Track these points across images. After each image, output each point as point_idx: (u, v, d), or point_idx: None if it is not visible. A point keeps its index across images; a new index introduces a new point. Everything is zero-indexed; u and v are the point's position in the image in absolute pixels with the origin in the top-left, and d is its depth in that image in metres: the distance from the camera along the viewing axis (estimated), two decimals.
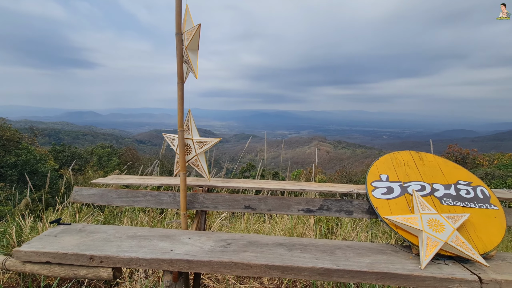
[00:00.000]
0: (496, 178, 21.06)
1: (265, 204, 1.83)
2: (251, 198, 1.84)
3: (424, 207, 1.60)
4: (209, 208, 1.85)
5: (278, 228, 3.35)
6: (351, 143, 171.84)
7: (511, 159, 30.62)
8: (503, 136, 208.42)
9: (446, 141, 75.30)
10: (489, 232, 1.54)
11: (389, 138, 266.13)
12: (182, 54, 1.63)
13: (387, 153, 2.05)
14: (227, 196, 1.86)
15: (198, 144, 1.82)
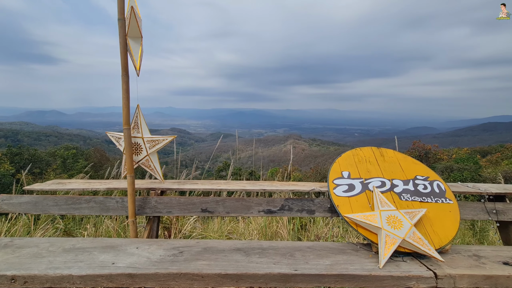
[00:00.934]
0: (454, 171, 22.78)
1: (224, 206, 1.71)
2: (209, 201, 1.71)
3: (384, 203, 1.58)
4: (162, 213, 1.70)
5: (252, 227, 3.25)
6: (325, 141, 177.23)
7: (467, 153, 33.37)
8: (461, 132, 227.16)
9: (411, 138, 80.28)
10: (444, 226, 1.56)
11: (360, 136, 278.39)
12: (125, 42, 1.45)
13: (349, 150, 2.02)
14: (182, 199, 1.71)
15: (149, 143, 1.65)
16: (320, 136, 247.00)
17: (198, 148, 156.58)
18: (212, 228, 3.28)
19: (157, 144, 1.65)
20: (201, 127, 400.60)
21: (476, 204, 1.76)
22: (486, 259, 1.46)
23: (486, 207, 1.74)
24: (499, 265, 1.39)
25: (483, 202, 1.76)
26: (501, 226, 1.81)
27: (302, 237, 3.16)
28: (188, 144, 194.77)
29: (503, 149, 32.29)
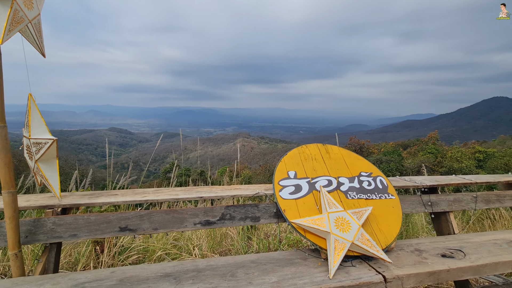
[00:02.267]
0: (383, 163, 25.76)
1: (150, 221, 1.39)
2: (130, 216, 1.37)
3: (331, 204, 1.47)
4: (63, 238, 1.29)
5: (200, 232, 2.91)
6: (273, 139, 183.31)
7: (393, 147, 38.20)
8: (388, 129, 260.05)
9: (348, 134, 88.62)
10: (389, 223, 1.52)
11: (305, 133, 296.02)
12: None
13: (296, 147, 1.89)
14: (93, 217, 1.33)
15: (36, 146, 1.22)
16: (268, 134, 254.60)
17: (142, 149, 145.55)
18: (156, 235, 2.85)
19: (41, 148, 1.23)
20: (145, 127, 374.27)
21: (414, 197, 1.81)
22: (426, 253, 1.46)
23: (422, 200, 1.79)
24: (439, 259, 1.40)
25: (420, 195, 1.81)
26: (435, 217, 1.90)
27: (252, 236, 2.97)
28: (130, 145, 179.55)
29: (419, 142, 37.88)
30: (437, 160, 27.68)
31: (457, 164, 25.63)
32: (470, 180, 1.96)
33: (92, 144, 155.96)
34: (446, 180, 1.95)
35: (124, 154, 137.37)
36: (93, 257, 2.41)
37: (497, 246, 1.55)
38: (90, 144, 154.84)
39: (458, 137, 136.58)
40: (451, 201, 1.84)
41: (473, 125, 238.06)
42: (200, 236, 2.94)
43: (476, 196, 1.87)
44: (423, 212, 1.77)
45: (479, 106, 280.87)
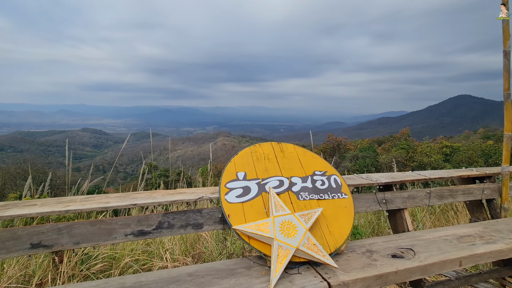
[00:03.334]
0: (359, 159, 26.60)
1: (70, 235, 1.21)
2: (45, 230, 1.18)
3: (278, 207, 1.37)
4: None
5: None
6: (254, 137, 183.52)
7: (368, 144, 39.58)
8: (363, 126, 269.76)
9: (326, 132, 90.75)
10: (340, 225, 1.45)
11: (285, 131, 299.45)
12: None
13: (248, 146, 1.77)
14: None
15: None
16: (249, 132, 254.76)
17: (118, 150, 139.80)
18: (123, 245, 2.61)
19: None
20: (122, 126, 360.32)
21: (369, 195, 1.76)
22: (377, 253, 1.40)
23: (377, 198, 1.75)
24: (389, 260, 1.34)
25: (375, 193, 1.77)
26: (390, 215, 1.87)
27: (228, 236, 2.83)
28: (105, 146, 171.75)
29: (392, 139, 39.55)
30: (409, 155, 28.99)
31: (427, 158, 26.97)
32: (424, 176, 1.96)
33: (63, 145, 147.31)
34: (402, 177, 1.93)
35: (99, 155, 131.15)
36: (51, 269, 2.18)
37: (447, 243, 1.54)
38: (61, 145, 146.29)
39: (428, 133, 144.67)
40: (406, 198, 1.82)
41: (441, 122, 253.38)
42: (172, 239, 2.76)
43: (429, 192, 1.87)
44: (378, 210, 1.74)
45: (446, 103, 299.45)
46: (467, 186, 2.00)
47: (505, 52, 1.98)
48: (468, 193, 1.97)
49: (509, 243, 1.52)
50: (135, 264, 2.39)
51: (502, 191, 2.02)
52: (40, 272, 2.13)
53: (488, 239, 1.58)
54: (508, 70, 1.99)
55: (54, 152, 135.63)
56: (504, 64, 1.98)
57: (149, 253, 2.61)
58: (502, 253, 1.47)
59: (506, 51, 1.98)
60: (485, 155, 25.01)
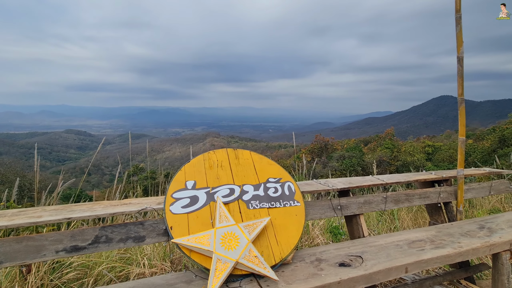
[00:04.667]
0: (346, 158, 27.00)
1: None
2: None
3: (223, 218, 1.33)
4: None
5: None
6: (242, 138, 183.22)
7: (355, 143, 40.26)
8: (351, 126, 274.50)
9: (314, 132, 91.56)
10: (288, 234, 1.42)
11: (274, 131, 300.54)
12: None
13: (202, 153, 1.73)
14: None
15: None
16: (238, 133, 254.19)
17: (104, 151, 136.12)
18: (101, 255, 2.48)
19: None
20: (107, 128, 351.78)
21: (324, 202, 1.75)
22: (326, 262, 1.39)
23: (333, 204, 1.74)
24: (335, 269, 1.33)
25: (330, 199, 1.76)
26: (346, 221, 1.87)
27: None
28: (90, 148, 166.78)
29: (378, 138, 40.39)
30: (393, 155, 29.65)
31: (410, 157, 27.63)
32: (382, 181, 1.97)
33: (45, 148, 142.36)
34: (359, 182, 1.93)
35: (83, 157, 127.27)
36: (18, 280, 2.05)
37: (397, 249, 1.54)
38: (43, 148, 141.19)
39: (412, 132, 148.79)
40: (362, 203, 1.82)
41: (424, 121, 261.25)
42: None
43: (386, 196, 1.87)
44: (333, 217, 1.73)
45: (429, 104, 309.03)
46: (423, 190, 2.02)
47: (459, 58, 2.02)
48: (424, 197, 2.00)
49: (457, 248, 1.54)
50: (109, 273, 2.29)
51: (458, 194, 2.06)
52: (6, 283, 2.01)
53: (438, 244, 1.59)
54: (462, 75, 2.03)
55: (34, 155, 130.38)
56: (458, 70, 2.02)
57: (126, 259, 2.51)
58: (449, 258, 1.49)
59: (459, 57, 2.02)
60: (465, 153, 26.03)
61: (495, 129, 22.15)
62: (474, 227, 1.84)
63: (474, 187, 2.21)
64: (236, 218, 1.41)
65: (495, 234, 1.74)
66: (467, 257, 1.54)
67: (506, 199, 4.78)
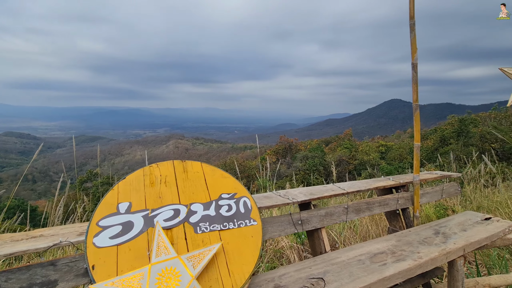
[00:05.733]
0: (309, 159, 27.88)
1: None
2: None
3: (162, 249, 1.09)
4: None
5: None
6: (208, 139, 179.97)
7: (317, 144, 41.90)
8: (313, 127, 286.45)
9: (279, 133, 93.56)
10: (243, 260, 1.23)
11: (239, 133, 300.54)
12: None
13: (142, 167, 1.46)
14: None
15: None
16: (203, 134, 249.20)
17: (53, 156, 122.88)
18: None
19: None
20: (56, 130, 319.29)
21: (284, 217, 1.60)
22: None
23: (293, 219, 1.60)
24: None
25: (290, 214, 1.62)
26: (308, 236, 1.75)
27: None
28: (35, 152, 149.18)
29: (338, 139, 42.55)
30: (352, 154, 31.41)
31: (366, 156, 29.50)
32: (343, 189, 1.89)
33: None
34: (321, 192, 1.82)
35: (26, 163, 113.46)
36: None
37: (360, 265, 1.44)
38: None
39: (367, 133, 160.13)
40: (323, 216, 1.71)
41: (378, 123, 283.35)
42: None
43: (347, 207, 1.79)
44: (293, 233, 1.60)
45: (382, 106, 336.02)
46: (383, 198, 2.00)
47: (413, 64, 2.03)
48: (384, 205, 1.97)
49: (417, 259, 1.50)
50: None
51: (414, 200, 2.07)
52: None
53: (399, 256, 1.54)
54: (416, 82, 2.04)
55: None
56: (413, 76, 2.03)
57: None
58: (410, 272, 1.43)
59: (414, 63, 2.03)
60: (411, 152, 28.51)
61: (437, 130, 24.69)
62: (430, 233, 1.85)
63: (428, 191, 2.26)
64: (180, 246, 1.18)
65: (450, 239, 1.75)
66: (426, 268, 1.50)
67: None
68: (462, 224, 2.01)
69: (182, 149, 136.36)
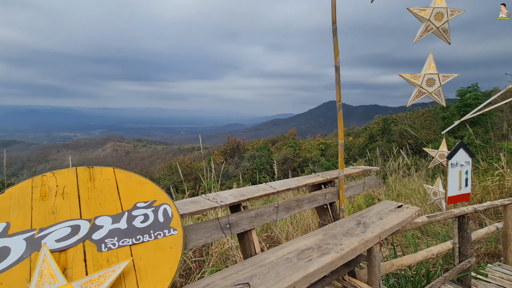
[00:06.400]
0: (256, 158, 28.42)
1: None
2: None
3: (46, 278, 0.89)
4: None
5: None
6: (152, 141, 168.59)
7: (264, 143, 43.03)
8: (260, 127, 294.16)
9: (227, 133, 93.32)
10: (158, 277, 1.10)
11: (186, 133, 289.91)
12: None
13: (32, 177, 1.19)
14: None
15: None
16: (146, 136, 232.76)
17: None
18: None
19: None
20: None
21: (211, 222, 1.51)
22: None
23: (220, 223, 1.53)
24: None
25: (218, 218, 1.54)
26: (238, 239, 1.70)
27: None
28: None
29: (283, 138, 44.47)
30: (296, 152, 33.13)
31: (309, 154, 31.45)
32: (274, 188, 1.90)
33: None
34: (252, 192, 1.79)
35: None
36: None
37: (287, 263, 1.45)
38: None
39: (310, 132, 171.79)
40: (253, 217, 1.68)
41: (319, 122, 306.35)
42: None
43: (277, 205, 1.80)
44: (222, 238, 1.53)
45: (321, 107, 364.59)
46: (312, 194, 2.08)
47: (336, 67, 2.16)
48: (313, 201, 2.04)
49: (339, 251, 1.57)
50: None
51: (340, 194, 2.21)
52: None
53: (324, 250, 1.59)
54: (339, 83, 2.18)
55: None
56: (336, 78, 2.16)
57: None
58: (333, 264, 1.49)
59: (336, 66, 2.16)
60: (348, 148, 31.67)
61: (366, 128, 27.80)
62: (353, 224, 1.98)
63: (352, 185, 2.44)
64: (76, 271, 0.98)
65: (369, 228, 1.90)
66: (347, 258, 1.59)
67: None
68: (380, 213, 2.22)
69: (121, 153, 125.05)
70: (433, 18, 2.17)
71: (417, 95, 2.51)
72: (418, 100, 2.56)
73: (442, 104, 2.54)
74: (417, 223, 2.35)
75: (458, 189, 2.69)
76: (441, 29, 2.23)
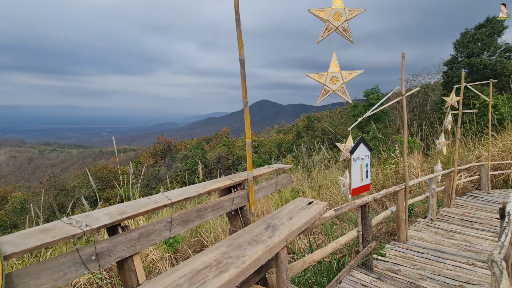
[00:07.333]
0: (189, 158, 27.21)
1: None
2: None
3: None
4: None
5: None
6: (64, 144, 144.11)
7: (197, 142, 41.67)
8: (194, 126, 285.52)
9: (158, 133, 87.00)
10: None
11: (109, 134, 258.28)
12: None
13: None
14: None
15: None
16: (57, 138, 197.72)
17: None
18: None
19: None
20: None
21: (66, 256, 1.13)
22: None
23: (81, 255, 1.16)
24: None
25: (77, 249, 1.17)
26: (118, 268, 1.36)
27: None
28: None
29: (217, 137, 43.97)
30: (230, 150, 33.10)
31: (243, 152, 31.83)
32: (169, 199, 1.61)
33: None
34: (137, 209, 1.46)
35: None
36: None
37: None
38: None
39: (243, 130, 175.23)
40: (136, 239, 1.36)
41: (252, 121, 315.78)
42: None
43: (170, 220, 1.52)
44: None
45: (254, 106, 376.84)
46: (217, 200, 1.87)
47: (241, 61, 2.00)
48: (218, 208, 1.84)
49: (239, 265, 1.40)
50: None
51: (250, 197, 2.07)
52: None
53: (223, 266, 1.40)
54: (244, 78, 2.02)
55: None
56: (241, 73, 2.00)
57: None
58: (231, 283, 1.30)
59: (241, 59, 1.99)
60: (278, 145, 33.33)
61: (294, 126, 29.78)
62: (262, 229, 1.86)
63: (264, 185, 2.35)
64: None
65: (277, 232, 1.80)
66: (249, 272, 1.43)
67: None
68: (290, 212, 2.17)
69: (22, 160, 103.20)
70: (332, 18, 2.23)
71: (323, 93, 2.58)
72: (326, 97, 2.64)
73: (348, 101, 2.68)
74: (325, 218, 2.40)
75: (360, 181, 2.91)
76: (341, 28, 2.32)
